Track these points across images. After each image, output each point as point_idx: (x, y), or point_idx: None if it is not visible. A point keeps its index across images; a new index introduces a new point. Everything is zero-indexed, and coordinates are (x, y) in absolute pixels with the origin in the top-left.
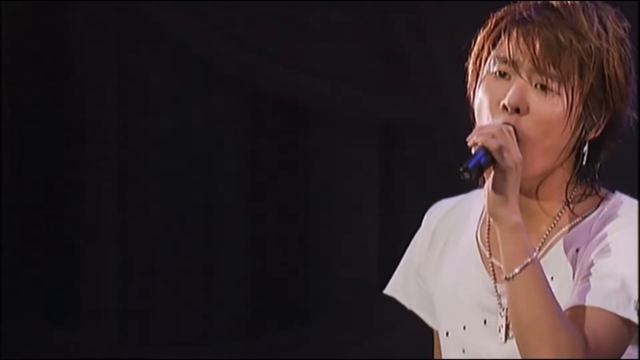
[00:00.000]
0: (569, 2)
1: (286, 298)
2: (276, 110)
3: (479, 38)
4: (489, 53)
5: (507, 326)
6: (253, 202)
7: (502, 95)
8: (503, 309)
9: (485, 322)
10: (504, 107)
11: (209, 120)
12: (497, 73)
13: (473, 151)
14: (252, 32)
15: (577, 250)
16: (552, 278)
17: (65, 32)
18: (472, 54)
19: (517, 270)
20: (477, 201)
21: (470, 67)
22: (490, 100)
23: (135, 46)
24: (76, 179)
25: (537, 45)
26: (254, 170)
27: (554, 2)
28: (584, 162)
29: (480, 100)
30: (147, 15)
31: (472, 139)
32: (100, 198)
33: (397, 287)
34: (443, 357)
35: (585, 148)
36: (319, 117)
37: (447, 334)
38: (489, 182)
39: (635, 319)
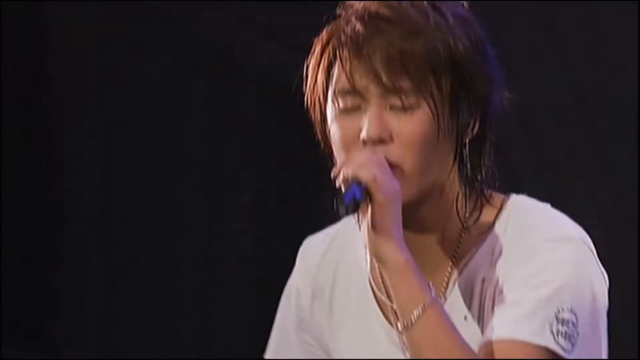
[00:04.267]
0: (392, 1)
1: None
2: (282, 97)
3: (310, 69)
4: (326, 84)
5: None
6: (256, 201)
7: (359, 129)
8: None
9: None
10: (365, 142)
11: (208, 107)
12: (346, 109)
13: (341, 186)
14: (261, 15)
15: (484, 280)
16: (464, 318)
17: (45, 17)
18: (307, 88)
19: (414, 316)
20: (357, 235)
21: (309, 102)
22: (348, 138)
23: (122, 28)
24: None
25: (377, 63)
26: (258, 162)
27: (376, 8)
28: (468, 167)
29: (336, 141)
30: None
31: (340, 171)
32: (82, 212)
33: (278, 350)
34: None
35: (467, 149)
36: None
37: None
38: (367, 220)
39: (552, 345)
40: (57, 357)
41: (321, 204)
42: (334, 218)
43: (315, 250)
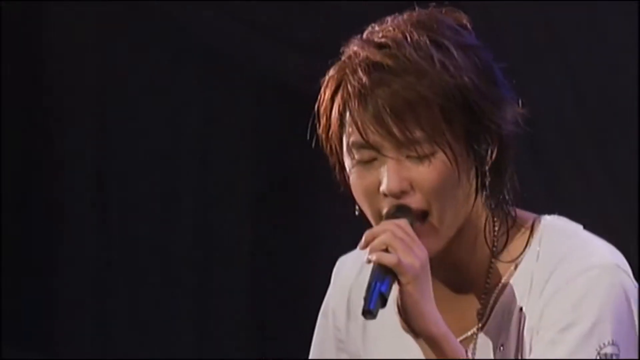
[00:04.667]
0: (392, 43)
1: (290, 300)
2: (281, 97)
3: (322, 115)
4: (340, 132)
5: None
6: (256, 201)
7: (378, 181)
8: None
9: None
10: (385, 194)
11: (208, 107)
12: (362, 161)
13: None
14: (257, 13)
15: (520, 311)
16: (501, 347)
17: (45, 17)
18: (322, 133)
19: None
20: None
21: (325, 148)
22: (368, 190)
23: (122, 28)
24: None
25: (387, 117)
26: (257, 162)
27: (379, 58)
28: (491, 192)
29: (357, 191)
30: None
31: (367, 256)
32: (81, 212)
33: None
34: None
35: (487, 176)
36: None
37: None
38: (397, 298)
39: None
40: (57, 357)
41: (321, 204)
42: (333, 218)
43: (349, 270)
